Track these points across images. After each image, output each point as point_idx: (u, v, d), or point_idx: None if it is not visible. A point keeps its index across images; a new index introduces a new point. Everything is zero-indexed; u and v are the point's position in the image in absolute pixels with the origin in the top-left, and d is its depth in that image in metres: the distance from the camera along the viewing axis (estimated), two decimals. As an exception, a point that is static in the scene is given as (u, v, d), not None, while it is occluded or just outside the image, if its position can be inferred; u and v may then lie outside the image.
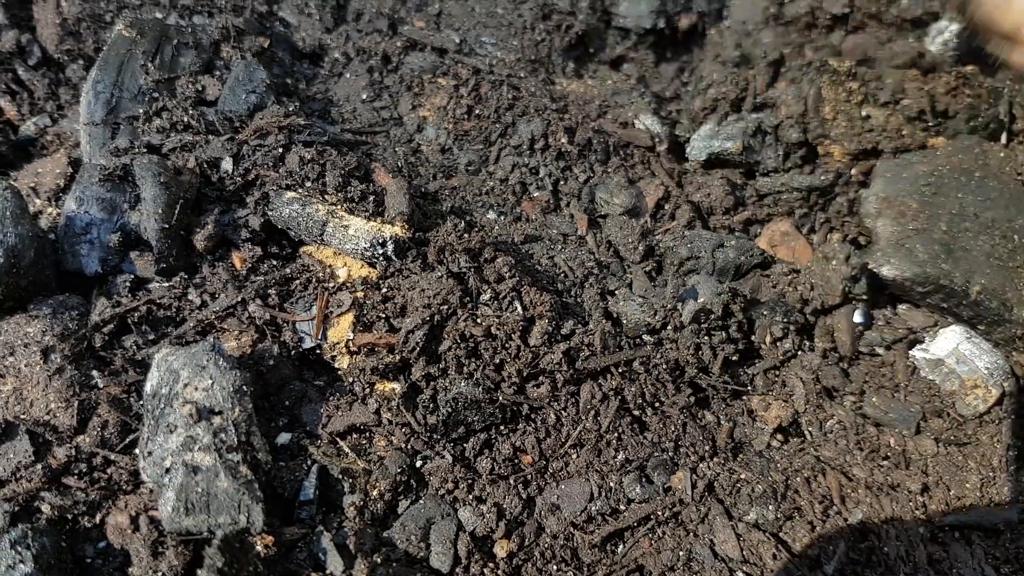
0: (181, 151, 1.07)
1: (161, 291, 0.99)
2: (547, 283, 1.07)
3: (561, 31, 1.43)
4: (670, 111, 1.42)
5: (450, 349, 0.94)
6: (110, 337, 0.96)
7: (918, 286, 1.14)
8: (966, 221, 1.19)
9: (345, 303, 0.94)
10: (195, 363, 0.87)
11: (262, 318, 0.95)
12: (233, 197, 1.04)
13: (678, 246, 1.14)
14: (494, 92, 1.30)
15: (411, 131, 1.27)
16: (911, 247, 1.16)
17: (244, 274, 1.00)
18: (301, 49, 1.38)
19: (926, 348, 1.13)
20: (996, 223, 1.19)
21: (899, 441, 1.04)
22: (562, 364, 0.95)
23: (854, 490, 0.99)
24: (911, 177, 1.22)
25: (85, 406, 0.91)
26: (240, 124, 1.12)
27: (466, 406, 0.93)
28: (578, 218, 1.19)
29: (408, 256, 0.99)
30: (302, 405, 0.94)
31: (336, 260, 0.99)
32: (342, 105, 1.29)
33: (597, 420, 0.96)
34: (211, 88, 1.16)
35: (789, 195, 1.25)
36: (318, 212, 0.99)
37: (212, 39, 1.23)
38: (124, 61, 1.15)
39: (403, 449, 0.92)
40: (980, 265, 1.15)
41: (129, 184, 1.04)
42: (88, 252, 1.00)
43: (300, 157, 1.06)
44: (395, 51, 1.37)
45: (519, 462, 0.96)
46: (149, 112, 1.11)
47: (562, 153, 1.25)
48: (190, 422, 0.83)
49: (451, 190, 1.21)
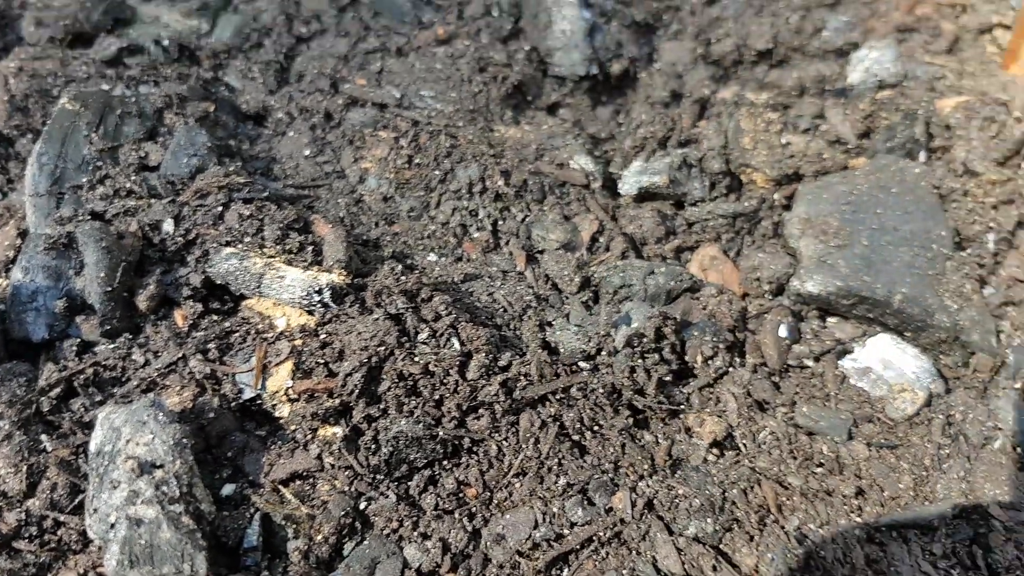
0: (124, 216, 1.11)
1: (106, 353, 1.02)
2: (486, 318, 1.11)
3: (498, 82, 1.49)
4: (605, 151, 1.48)
5: (389, 389, 0.96)
6: (58, 401, 0.98)
7: (843, 299, 1.19)
8: (886, 235, 1.24)
9: (284, 352, 0.97)
10: (136, 419, 0.89)
11: (202, 372, 0.98)
12: (174, 257, 1.08)
13: (611, 275, 1.18)
14: (432, 141, 1.35)
15: (354, 182, 1.32)
16: (833, 263, 1.21)
17: (186, 331, 1.03)
18: (245, 111, 1.43)
19: (855, 358, 1.17)
20: (915, 235, 1.25)
21: (831, 448, 1.08)
22: (500, 395, 0.98)
23: (789, 498, 1.01)
24: (831, 197, 1.27)
25: (34, 470, 0.93)
26: (182, 187, 1.16)
27: (408, 444, 0.96)
28: (517, 255, 1.24)
29: (346, 302, 1.02)
30: (245, 455, 0.96)
31: (275, 311, 1.02)
32: (285, 162, 1.33)
33: (537, 447, 0.99)
34: (154, 154, 1.20)
35: (716, 222, 1.30)
36: (255, 265, 1.03)
37: (155, 107, 1.28)
38: (68, 133, 1.19)
39: (346, 492, 0.94)
40: (901, 275, 1.20)
41: (74, 251, 1.07)
42: (35, 319, 1.03)
43: (239, 214, 1.09)
44: (337, 108, 1.42)
45: (463, 495, 0.98)
46: (93, 180, 1.15)
47: (499, 195, 1.30)
48: (132, 476, 0.85)
49: (393, 236, 1.25)
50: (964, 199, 1.35)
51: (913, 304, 1.17)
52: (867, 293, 1.18)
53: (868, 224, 1.24)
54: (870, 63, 1.55)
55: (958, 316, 1.18)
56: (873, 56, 1.56)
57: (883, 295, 1.17)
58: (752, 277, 1.24)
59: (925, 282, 1.19)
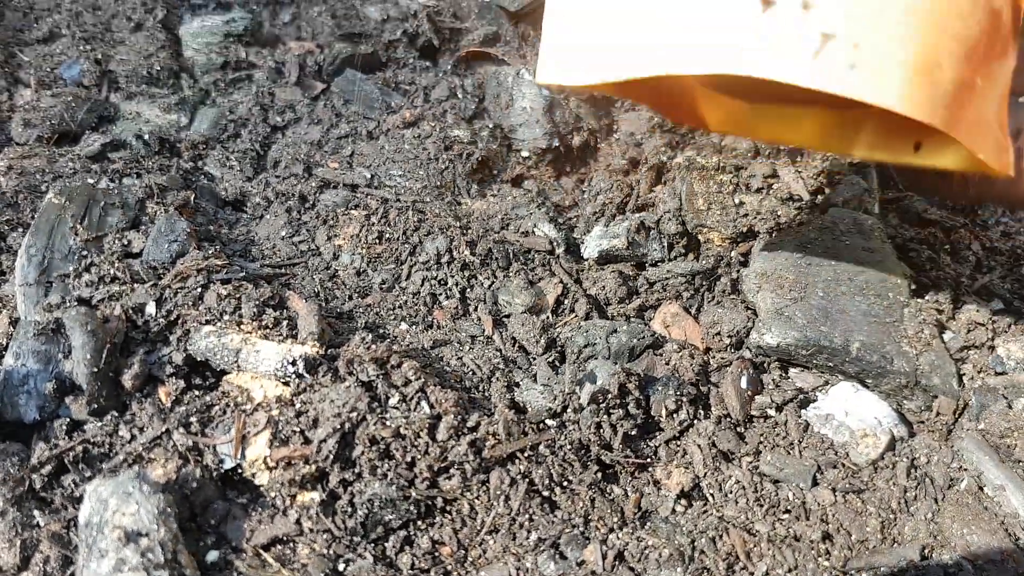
0: (109, 301, 1.17)
1: (94, 430, 1.06)
2: (455, 382, 1.16)
3: (463, 158, 1.58)
4: (569, 218, 1.55)
5: (363, 453, 1.01)
6: (49, 477, 1.03)
7: (801, 350, 1.24)
8: (841, 285, 1.30)
9: (261, 422, 1.02)
10: (122, 491, 0.93)
11: (185, 445, 1.02)
12: (157, 337, 1.13)
13: (576, 335, 1.24)
14: (401, 217, 1.42)
15: (328, 259, 1.39)
16: (790, 315, 1.26)
17: (169, 406, 1.07)
18: (224, 198, 1.50)
19: (817, 406, 1.22)
20: (870, 284, 1.31)
21: (797, 494, 1.11)
22: (469, 455, 1.02)
23: (757, 544, 1.05)
24: (786, 252, 1.34)
25: (27, 544, 0.97)
26: (163, 271, 1.22)
27: (382, 506, 1.00)
28: (484, 320, 1.29)
29: (319, 372, 1.07)
30: (227, 522, 0.99)
31: (253, 383, 1.07)
32: (263, 243, 1.40)
33: (508, 504, 1.03)
34: (136, 242, 1.27)
35: (675, 281, 1.36)
36: (232, 341, 1.08)
37: (137, 198, 1.35)
38: (54, 225, 1.26)
39: (325, 555, 0.97)
40: (858, 323, 1.25)
41: (62, 336, 1.12)
42: (26, 402, 1.08)
43: (217, 294, 1.15)
44: (311, 191, 1.50)
45: (439, 554, 1.01)
46: (79, 268, 1.21)
47: (466, 264, 1.36)
48: (119, 545, 0.89)
49: (366, 308, 1.31)
50: (921, 247, 1.42)
51: (871, 351, 1.22)
52: (825, 343, 1.23)
53: (823, 276, 1.30)
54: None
55: (917, 361, 1.23)
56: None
57: (840, 344, 1.22)
58: (713, 332, 1.30)
59: (883, 329, 1.24)
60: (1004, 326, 1.34)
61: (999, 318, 1.35)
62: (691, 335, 1.30)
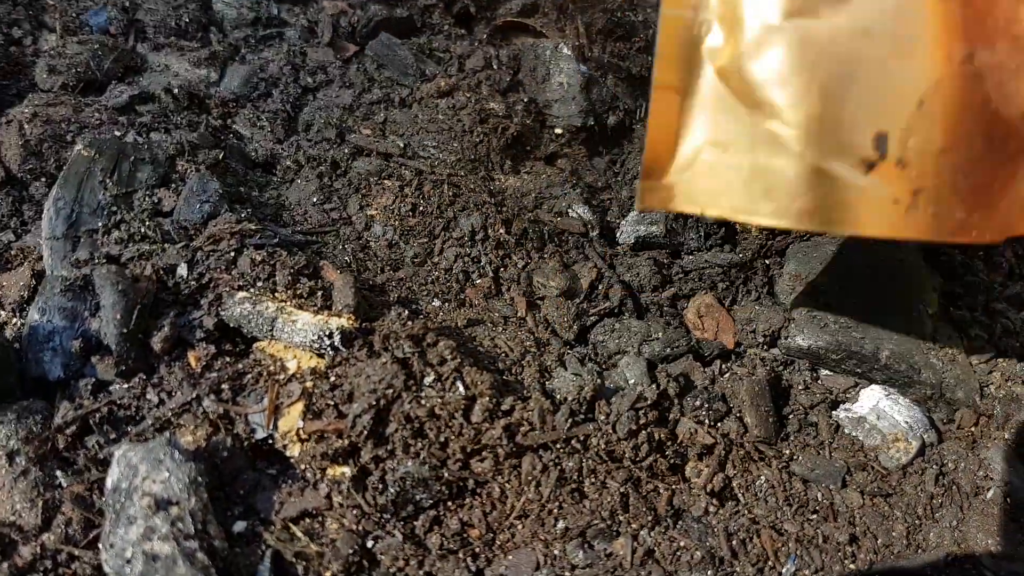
0: (139, 260, 1.14)
1: (121, 392, 1.04)
2: (488, 363, 1.14)
3: (498, 133, 1.55)
4: (602, 199, 1.53)
5: (396, 431, 0.99)
6: (73, 438, 1.01)
7: (832, 354, 1.23)
8: (874, 293, 1.29)
9: (295, 393, 1.00)
10: (152, 457, 0.91)
11: (216, 412, 1.00)
12: (188, 300, 1.11)
13: (608, 340, 1.23)
14: (436, 190, 1.39)
15: (360, 229, 1.36)
16: (822, 318, 1.25)
17: (199, 372, 1.05)
18: (254, 159, 1.47)
19: (848, 408, 1.21)
20: (902, 293, 1.30)
21: (826, 495, 1.11)
22: (503, 439, 1.01)
23: (785, 544, 1.04)
24: (821, 256, 1.33)
25: (49, 505, 0.95)
26: (195, 232, 1.19)
27: (414, 485, 0.98)
28: (518, 301, 1.27)
29: (355, 345, 1.05)
30: (256, 493, 0.98)
31: (286, 353, 1.05)
32: (294, 209, 1.37)
33: (539, 490, 1.02)
34: (167, 200, 1.24)
35: (711, 271, 1.35)
36: (268, 309, 1.06)
37: (168, 154, 1.32)
38: (83, 179, 1.23)
39: (354, 530, 0.96)
40: (888, 332, 1.24)
41: (89, 293, 1.10)
42: (51, 359, 1.06)
43: (251, 259, 1.13)
44: (343, 157, 1.47)
45: (467, 536, 1.00)
46: (108, 225, 1.18)
47: (501, 243, 1.34)
48: (149, 513, 0.87)
49: (398, 281, 1.29)
50: (954, 251, 1.40)
51: (900, 360, 1.21)
52: (855, 348, 1.22)
53: (856, 282, 1.29)
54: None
55: (943, 374, 1.22)
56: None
57: (871, 351, 1.22)
58: (748, 329, 1.29)
59: (912, 340, 1.24)
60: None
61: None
62: (723, 327, 1.28)
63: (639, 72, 1.72)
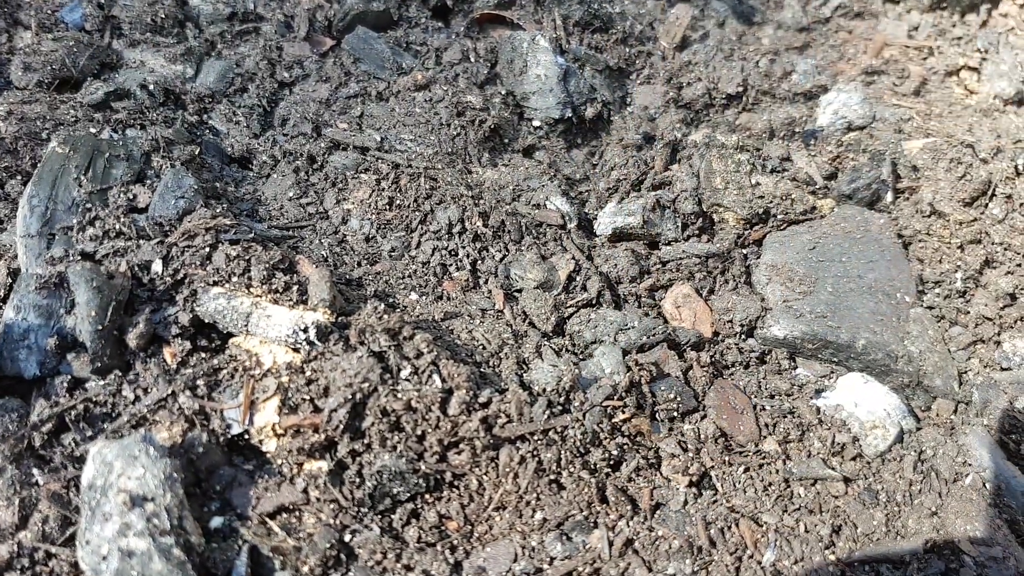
0: (114, 256, 1.14)
1: (97, 389, 1.04)
2: (466, 355, 1.14)
3: (475, 125, 1.55)
4: (580, 191, 1.53)
5: (373, 424, 0.99)
6: (49, 436, 1.01)
7: (808, 343, 1.24)
8: (850, 283, 1.30)
9: (270, 388, 1.00)
10: (127, 454, 0.91)
11: (191, 408, 1.00)
12: (163, 296, 1.11)
13: (584, 330, 1.23)
14: (413, 183, 1.39)
15: (336, 224, 1.36)
16: (799, 308, 1.26)
17: (175, 368, 1.05)
18: (230, 154, 1.46)
19: (826, 396, 1.22)
20: (879, 283, 1.31)
21: (805, 484, 1.11)
22: (480, 431, 1.01)
23: (764, 534, 1.05)
24: (797, 246, 1.34)
25: (26, 503, 0.95)
26: (170, 228, 1.19)
27: (391, 478, 0.99)
28: (496, 294, 1.28)
29: (330, 340, 1.05)
30: (233, 489, 0.98)
31: (262, 348, 1.05)
32: (270, 204, 1.37)
33: (516, 482, 1.02)
34: (142, 196, 1.23)
35: (689, 261, 1.35)
36: (242, 304, 1.06)
37: (143, 150, 1.31)
38: (58, 176, 1.22)
39: (332, 524, 0.97)
40: (865, 321, 1.25)
41: (65, 290, 1.09)
42: (27, 357, 1.05)
43: (226, 255, 1.13)
44: (320, 152, 1.46)
45: (445, 528, 1.01)
46: (83, 222, 1.18)
47: (478, 235, 1.34)
48: (124, 510, 0.87)
49: (375, 275, 1.29)
50: (929, 239, 1.41)
51: (877, 349, 1.22)
52: (831, 338, 1.23)
53: (833, 272, 1.30)
54: (838, 106, 1.62)
55: (921, 362, 1.23)
56: (841, 99, 1.63)
57: (847, 340, 1.22)
58: (725, 319, 1.29)
59: (889, 328, 1.24)
60: (1011, 321, 1.34)
61: (1006, 313, 1.35)
62: (700, 317, 1.29)
63: (617, 64, 1.72)
